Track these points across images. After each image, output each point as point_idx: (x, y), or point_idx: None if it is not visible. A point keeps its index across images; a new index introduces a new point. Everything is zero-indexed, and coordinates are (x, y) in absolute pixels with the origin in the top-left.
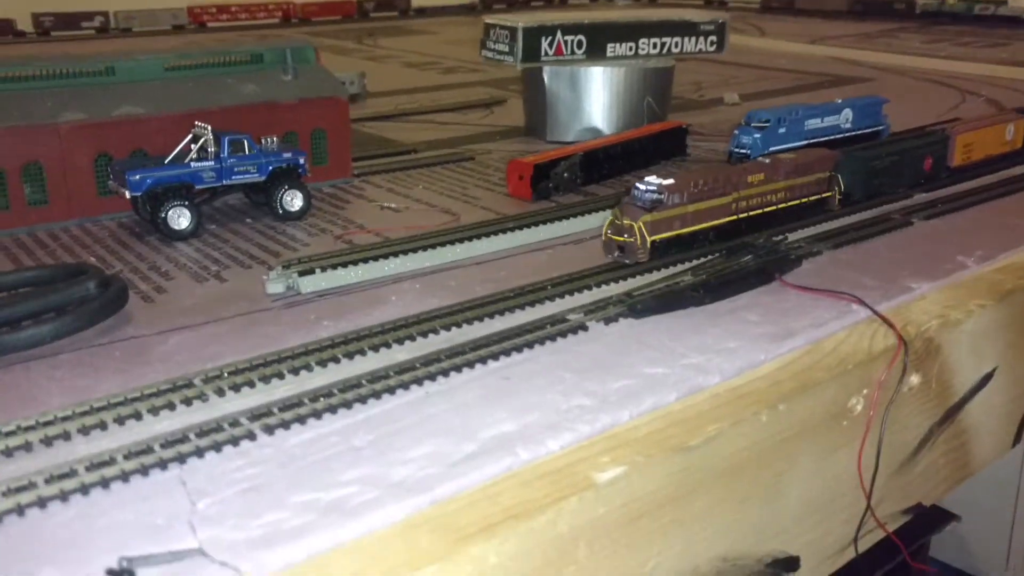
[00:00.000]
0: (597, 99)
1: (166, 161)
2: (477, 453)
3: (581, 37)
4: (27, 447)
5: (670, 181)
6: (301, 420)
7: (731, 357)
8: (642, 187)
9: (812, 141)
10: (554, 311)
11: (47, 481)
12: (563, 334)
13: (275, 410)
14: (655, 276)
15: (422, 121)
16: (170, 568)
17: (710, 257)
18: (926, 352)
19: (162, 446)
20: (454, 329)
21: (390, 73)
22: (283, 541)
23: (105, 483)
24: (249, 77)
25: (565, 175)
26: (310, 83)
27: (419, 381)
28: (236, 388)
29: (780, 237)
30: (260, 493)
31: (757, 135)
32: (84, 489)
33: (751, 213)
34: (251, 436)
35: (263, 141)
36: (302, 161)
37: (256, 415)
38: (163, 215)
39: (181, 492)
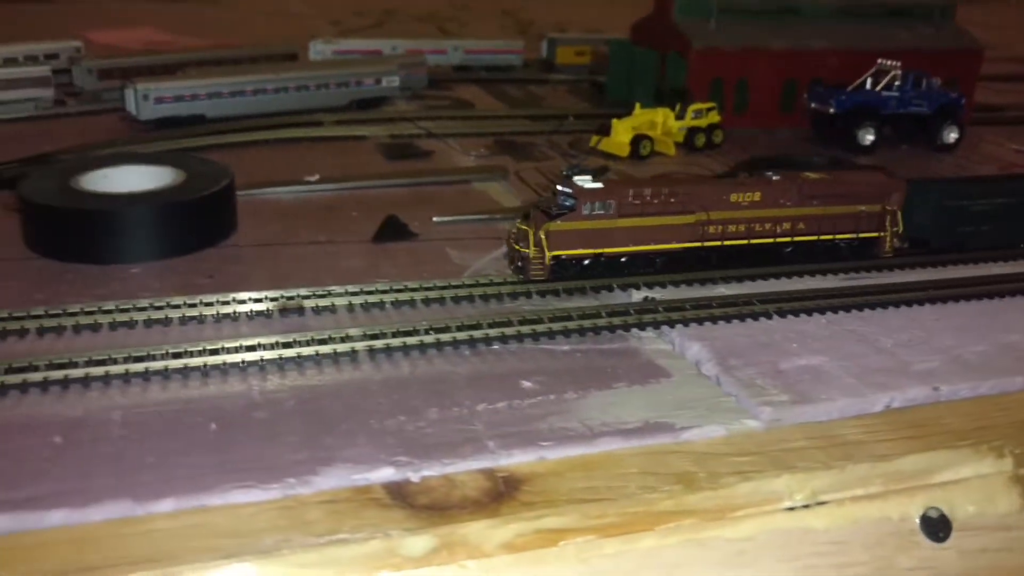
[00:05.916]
0: None
1: (848, 89)
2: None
3: None
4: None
5: (597, 185)
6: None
7: None
8: (561, 187)
9: None
10: (1006, 271)
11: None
12: None
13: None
14: None
15: None
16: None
17: None
18: None
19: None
20: (938, 267)
21: None
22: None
23: (727, 319)
24: (900, 24)
25: None
26: (950, 35)
27: (920, 302)
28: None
29: None
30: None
31: None
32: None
33: (728, 242)
34: (766, 315)
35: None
36: (963, 102)
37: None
38: (855, 131)
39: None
